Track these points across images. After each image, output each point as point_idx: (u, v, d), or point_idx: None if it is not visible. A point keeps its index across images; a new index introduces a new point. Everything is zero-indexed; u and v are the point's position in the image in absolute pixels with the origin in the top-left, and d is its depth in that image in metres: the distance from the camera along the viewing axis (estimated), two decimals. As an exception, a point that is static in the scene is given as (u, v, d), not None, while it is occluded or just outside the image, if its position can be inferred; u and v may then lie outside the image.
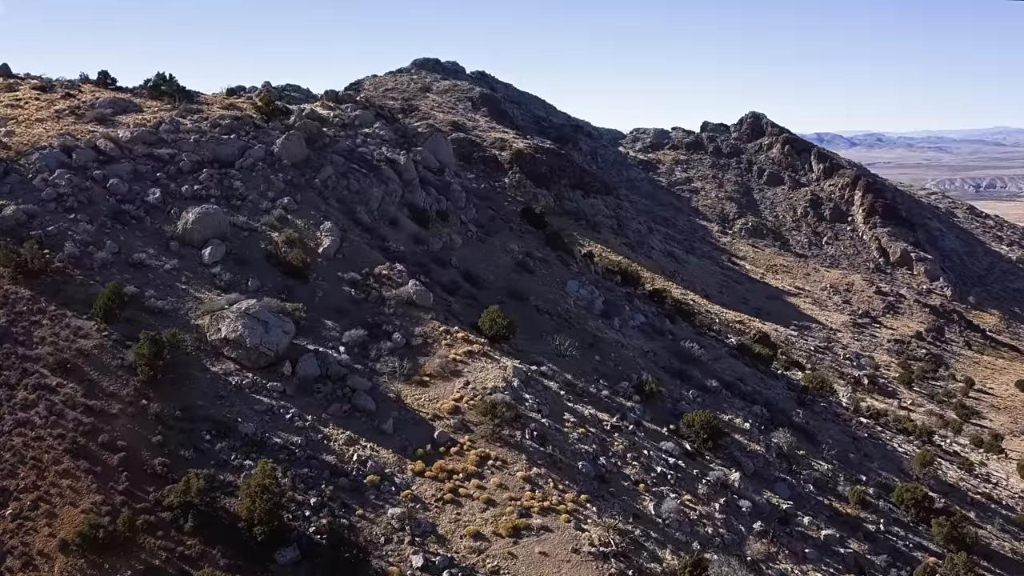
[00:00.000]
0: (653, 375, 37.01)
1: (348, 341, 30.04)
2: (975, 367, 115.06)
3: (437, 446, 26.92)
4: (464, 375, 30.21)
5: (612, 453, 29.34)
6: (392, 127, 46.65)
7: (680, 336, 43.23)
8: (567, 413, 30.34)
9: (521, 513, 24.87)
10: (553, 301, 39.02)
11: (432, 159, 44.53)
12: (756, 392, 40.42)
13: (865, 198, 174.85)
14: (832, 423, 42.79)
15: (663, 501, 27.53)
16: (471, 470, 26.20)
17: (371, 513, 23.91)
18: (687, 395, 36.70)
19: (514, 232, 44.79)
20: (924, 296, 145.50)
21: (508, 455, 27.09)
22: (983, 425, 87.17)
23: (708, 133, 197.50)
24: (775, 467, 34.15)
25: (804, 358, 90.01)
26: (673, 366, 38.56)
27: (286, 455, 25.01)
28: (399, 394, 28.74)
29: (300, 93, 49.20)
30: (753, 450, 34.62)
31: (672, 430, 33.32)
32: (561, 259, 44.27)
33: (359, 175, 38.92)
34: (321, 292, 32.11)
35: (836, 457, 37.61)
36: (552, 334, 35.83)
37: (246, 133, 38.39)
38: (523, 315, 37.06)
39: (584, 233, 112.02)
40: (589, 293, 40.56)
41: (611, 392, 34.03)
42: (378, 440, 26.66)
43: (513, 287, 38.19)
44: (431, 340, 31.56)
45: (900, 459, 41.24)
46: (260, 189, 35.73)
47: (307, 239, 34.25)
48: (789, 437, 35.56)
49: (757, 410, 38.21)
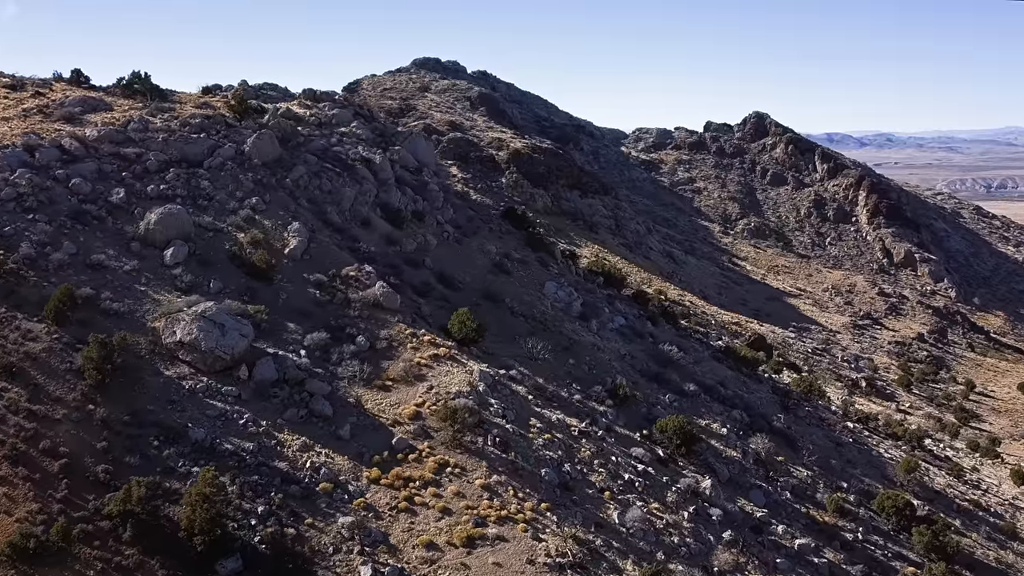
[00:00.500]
0: (629, 379, 36.32)
1: (309, 344, 29.45)
2: (977, 369, 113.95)
3: (395, 453, 26.30)
4: (428, 379, 29.59)
5: (578, 460, 28.67)
6: (370, 126, 46.06)
7: (661, 339, 42.49)
8: (534, 418, 29.68)
9: (477, 522, 24.22)
10: (529, 303, 38.36)
11: (410, 158, 43.90)
12: (737, 396, 39.66)
13: (869, 198, 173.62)
14: (816, 428, 41.98)
15: (628, 509, 26.84)
16: (428, 478, 25.57)
17: (321, 522, 23.29)
18: (663, 399, 35.99)
19: (493, 233, 44.13)
20: (928, 297, 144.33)
21: (468, 462, 26.44)
22: (982, 429, 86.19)
23: (711, 133, 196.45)
24: (751, 474, 33.40)
25: (801, 360, 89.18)
26: (651, 369, 37.84)
27: (236, 462, 24.41)
28: (359, 399, 28.13)
29: (277, 92, 48.59)
30: (729, 456, 33.88)
31: (645, 435, 32.64)
32: (541, 260, 43.58)
33: (332, 175, 38.34)
34: (285, 294, 31.54)
35: (817, 463, 36.83)
36: (526, 337, 35.12)
37: (217, 132, 37.85)
38: (497, 317, 36.43)
39: (581, 233, 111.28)
40: (567, 295, 39.87)
41: (583, 396, 33.36)
42: (334, 446, 26.04)
43: (488, 289, 37.53)
44: (396, 343, 30.94)
45: (885, 465, 40.43)
46: (228, 189, 35.19)
47: (274, 240, 33.69)
48: (767, 443, 34.81)
49: (736, 415, 37.46)
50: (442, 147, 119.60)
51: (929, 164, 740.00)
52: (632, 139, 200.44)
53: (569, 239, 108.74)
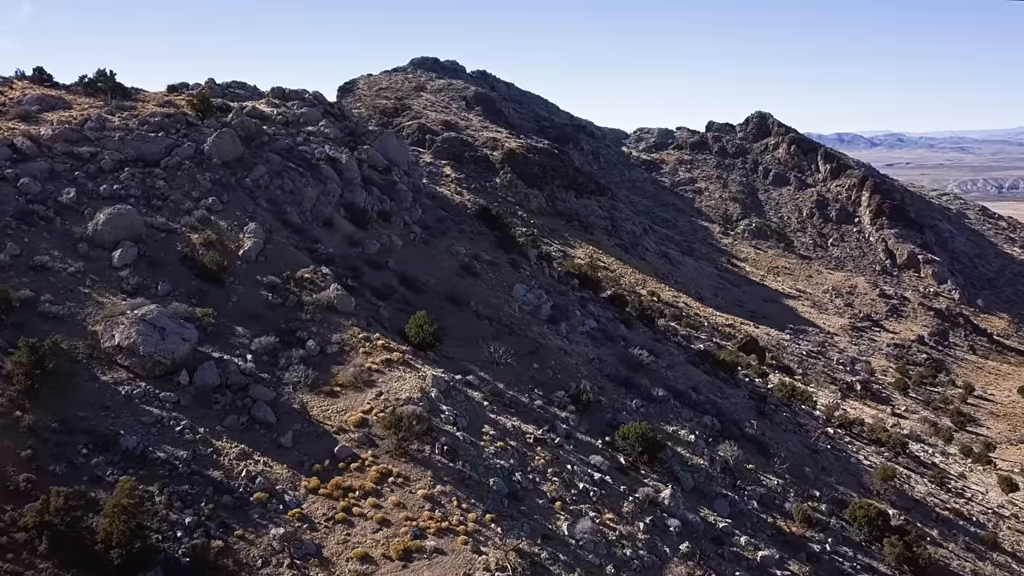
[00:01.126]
0: (595, 384, 35.48)
1: (257, 349, 28.73)
2: (978, 372, 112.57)
3: (337, 461, 25.53)
4: (378, 385, 28.82)
5: (531, 468, 27.84)
6: (340, 125, 45.30)
7: (634, 342, 41.58)
8: (487, 426, 28.86)
9: (415, 534, 23.44)
10: (496, 306, 37.53)
11: (379, 158, 43.11)
12: (709, 402, 38.73)
13: (872, 199, 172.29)
14: (792, 434, 40.99)
15: (578, 520, 25.99)
16: (369, 487, 24.80)
17: (252, 533, 22.51)
18: (630, 405, 35.12)
19: (464, 234, 43.29)
20: (930, 299, 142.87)
21: (412, 471, 25.65)
22: (979, 433, 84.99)
23: (713, 133, 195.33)
24: (718, 482, 32.50)
25: (796, 363, 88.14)
26: (620, 374, 36.95)
27: (167, 471, 23.67)
28: (305, 405, 27.37)
29: (246, 90, 47.80)
30: (695, 464, 32.99)
31: (607, 442, 31.81)
32: (512, 262, 42.72)
33: (295, 174, 37.61)
34: (236, 297, 30.80)
35: (789, 471, 35.88)
36: (490, 341, 34.30)
37: (176, 131, 37.17)
38: (460, 321, 35.63)
39: (576, 234, 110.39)
40: (537, 297, 39.02)
41: (545, 402, 32.53)
42: (274, 454, 25.27)
43: (453, 291, 36.72)
44: (348, 348, 30.18)
45: (863, 473, 39.41)
46: (184, 189, 34.49)
47: (228, 241, 32.96)
48: (736, 450, 33.88)
49: (707, 421, 36.55)
50: (436, 147, 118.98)
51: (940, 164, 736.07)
52: (633, 139, 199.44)
53: (563, 240, 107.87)
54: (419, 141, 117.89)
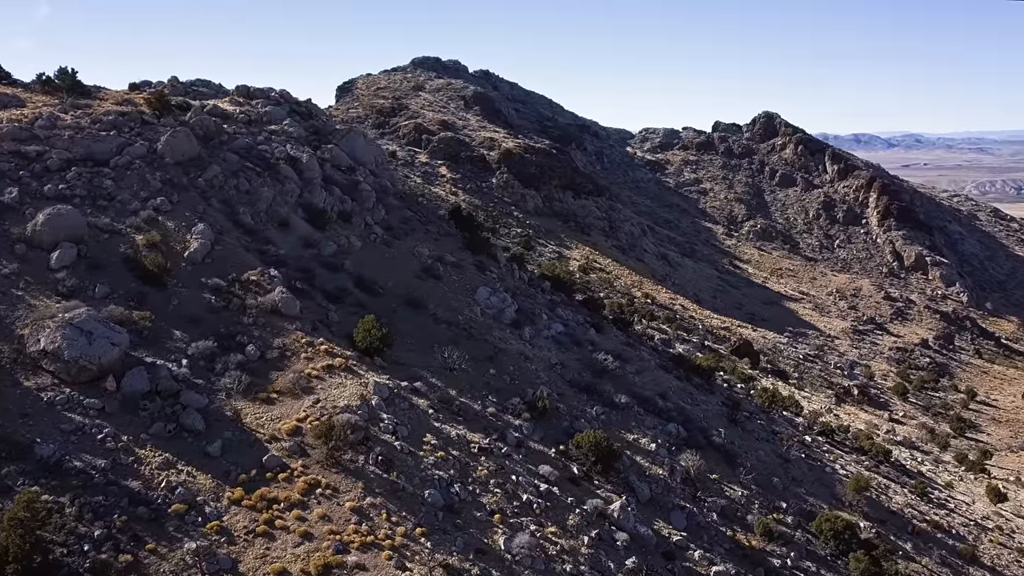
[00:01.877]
0: (555, 390, 34.48)
1: (193, 353, 27.91)
2: (983, 377, 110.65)
3: (265, 471, 24.66)
4: (316, 392, 27.95)
5: (472, 479, 26.88)
6: (305, 124, 44.50)
7: (602, 347, 40.51)
8: (430, 434, 27.91)
9: (338, 549, 22.52)
10: (456, 309, 36.58)
11: (344, 157, 42.22)
12: (676, 408, 37.63)
13: (880, 200, 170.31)
14: (765, 442, 39.80)
15: (517, 534, 25.01)
16: (295, 499, 23.90)
17: (164, 547, 21.63)
18: (590, 412, 34.09)
19: (430, 235, 42.34)
20: (937, 302, 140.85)
21: (343, 483, 24.75)
22: (979, 439, 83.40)
23: (720, 133, 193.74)
24: (676, 493, 31.42)
25: (791, 367, 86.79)
26: (582, 380, 35.92)
27: (82, 481, 22.85)
28: (238, 412, 26.50)
29: (210, 88, 47.08)
30: (654, 474, 31.93)
31: (561, 451, 30.81)
32: (479, 264, 41.73)
33: (251, 174, 36.82)
34: (177, 299, 29.99)
35: (756, 481, 34.74)
36: (446, 346, 33.33)
37: (130, 129, 36.45)
38: (417, 325, 34.70)
39: (573, 235, 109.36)
40: (500, 301, 38.03)
41: (499, 409, 31.56)
42: (199, 464, 24.41)
43: (412, 294, 35.81)
44: (290, 353, 29.32)
45: (837, 483, 38.17)
46: (133, 189, 33.75)
47: (174, 242, 32.18)
48: (698, 460, 32.78)
49: (671, 429, 35.47)
50: (432, 147, 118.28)
51: (959, 165, 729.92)
52: (638, 139, 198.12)
53: (559, 241, 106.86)
54: (415, 141, 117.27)
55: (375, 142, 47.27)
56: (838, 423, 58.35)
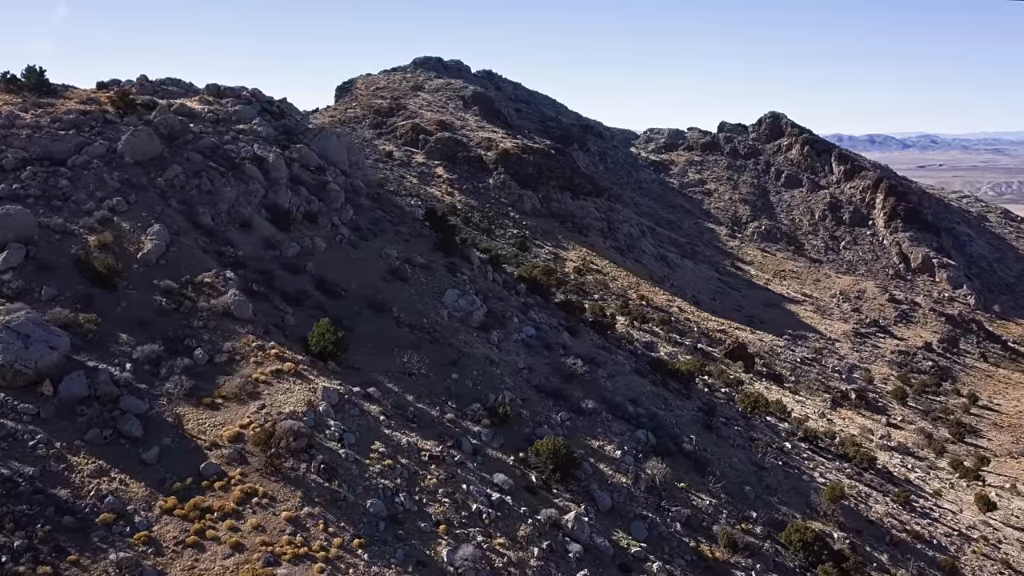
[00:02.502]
0: (520, 395, 33.71)
1: (138, 357, 27.31)
2: (987, 381, 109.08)
3: (201, 479, 24.00)
4: (263, 397, 27.27)
5: (420, 489, 26.14)
6: (276, 123, 43.89)
7: (574, 351, 39.67)
8: (379, 442, 27.19)
9: (268, 561, 21.83)
10: (421, 313, 35.86)
11: (313, 157, 41.57)
12: (648, 414, 36.77)
13: (887, 201, 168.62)
14: (741, 449, 38.85)
15: (461, 546, 24.24)
16: (230, 508, 23.22)
17: (88, 559, 20.99)
18: (554, 418, 33.29)
19: (401, 236, 41.62)
20: (943, 305, 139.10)
21: (281, 491, 24.05)
22: (978, 445, 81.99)
23: (725, 133, 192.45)
24: (639, 502, 30.58)
25: (788, 370, 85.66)
26: (550, 385, 35.12)
27: (8, 489, 22.27)
28: (180, 418, 25.85)
29: (180, 87, 46.52)
30: (617, 482, 31.11)
31: (520, 459, 30.03)
32: (451, 265, 40.98)
33: (215, 174, 36.21)
34: (126, 302, 29.39)
35: (726, 490, 33.85)
36: (407, 350, 32.61)
37: (90, 129, 35.93)
38: (379, 328, 33.99)
39: (570, 236, 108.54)
40: (469, 303, 37.27)
41: (457, 415, 30.82)
42: (133, 471, 23.78)
43: (375, 297, 35.12)
44: (239, 357, 28.67)
45: (814, 491, 37.20)
46: (89, 189, 33.22)
47: (128, 243, 31.60)
48: (664, 467, 31.91)
49: (640, 435, 34.62)
50: (429, 147, 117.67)
51: (974, 166, 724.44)
52: (643, 140, 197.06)
53: (556, 242, 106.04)
54: (413, 141, 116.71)
55: (345, 141, 46.39)
56: (827, 428, 57.31)
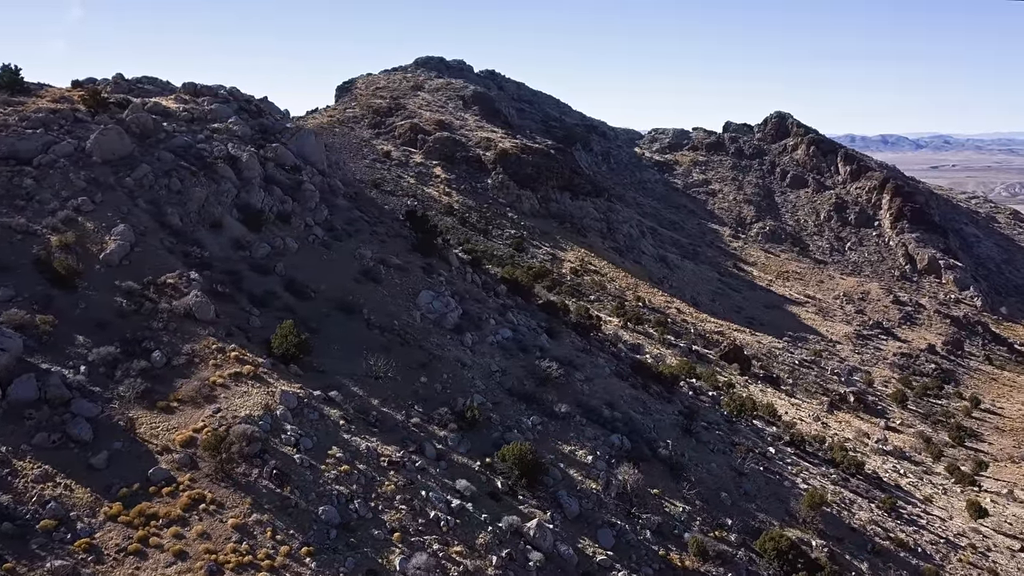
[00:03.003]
0: (491, 399, 33.15)
1: (94, 360, 26.86)
2: (991, 384, 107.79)
3: (149, 485, 23.53)
4: (219, 401, 26.76)
5: (377, 495, 25.61)
6: (254, 122, 43.42)
7: (552, 353, 39.06)
8: (337, 447, 26.67)
9: (211, 570, 21.33)
10: (392, 314, 35.33)
11: (289, 156, 41.08)
12: (624, 418, 36.12)
13: (893, 202, 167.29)
14: (721, 454, 38.14)
15: (415, 554, 23.70)
16: (176, 515, 22.72)
17: (24, 566, 20.53)
18: (526, 422, 32.71)
19: (377, 236, 41.08)
20: (948, 306, 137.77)
21: (230, 498, 23.54)
22: (979, 449, 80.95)
23: (730, 134, 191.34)
24: (609, 509, 29.96)
25: (786, 372, 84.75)
26: (523, 388, 34.52)
27: (-53, 495, 21.72)
28: (133, 422, 25.38)
29: (156, 86, 46.11)
30: (587, 488, 30.49)
31: (487, 464, 29.45)
32: (428, 267, 40.42)
33: (185, 173, 35.77)
34: (85, 303, 28.97)
35: (701, 496, 33.17)
36: (376, 352, 32.08)
37: (59, 127, 35.55)
38: (348, 330, 33.48)
39: (568, 237, 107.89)
40: (444, 305, 36.71)
41: (423, 420, 30.27)
42: (80, 476, 23.30)
43: (346, 298, 34.61)
44: (198, 359, 28.19)
45: (794, 498, 36.44)
46: (55, 188, 32.83)
47: (91, 243, 31.17)
48: (636, 473, 31.27)
49: (615, 440, 33.99)
50: (427, 147, 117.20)
51: (988, 167, 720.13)
52: (647, 140, 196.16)
53: (554, 242, 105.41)
54: (411, 141, 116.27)
55: (322, 140, 45.88)
56: (819, 433, 56.47)
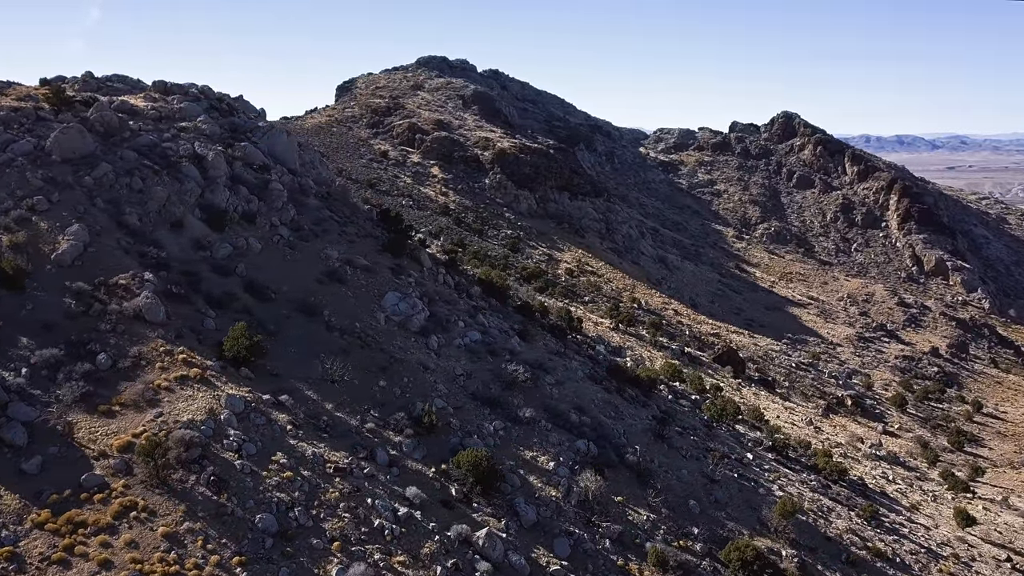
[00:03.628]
0: (453, 403, 32.49)
1: (36, 362, 26.45)
2: (996, 387, 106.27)
3: (81, 491, 23.03)
4: (162, 405, 26.20)
5: (320, 503, 24.98)
6: (224, 121, 42.94)
7: (523, 357, 38.34)
8: (281, 452, 26.06)
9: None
10: (355, 316, 34.72)
11: (259, 155, 40.53)
12: (593, 424, 35.35)
13: (901, 203, 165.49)
14: (694, 461, 37.29)
15: (353, 564, 23.04)
16: (105, 523, 22.19)
17: (-59, 576, 19.95)
18: (487, 428, 32.01)
19: (346, 236, 40.45)
20: (955, 309, 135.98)
21: (163, 505, 22.96)
22: (978, 454, 79.73)
23: (737, 133, 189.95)
24: (568, 517, 29.22)
25: (782, 375, 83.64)
26: (488, 392, 33.82)
27: None
28: (72, 426, 24.89)
29: (126, 84, 45.69)
30: (546, 496, 29.77)
31: (442, 471, 28.75)
32: (397, 267, 39.77)
33: (148, 172, 35.32)
34: (32, 304, 28.51)
35: (668, 504, 32.38)
36: (335, 355, 31.47)
37: (20, 126, 35.20)
38: (307, 332, 32.88)
39: (566, 237, 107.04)
40: (410, 307, 36.05)
41: (379, 425, 29.64)
42: (10, 482, 22.89)
43: (308, 299, 34.02)
44: (145, 362, 27.67)
45: (768, 505, 35.54)
46: (10, 187, 32.47)
47: (44, 243, 30.72)
48: (598, 480, 30.50)
49: (581, 445, 33.24)
50: (425, 146, 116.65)
51: (1006, 168, 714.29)
52: (652, 139, 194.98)
53: (551, 243, 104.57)
54: (409, 141, 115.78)
55: (295, 139, 45.27)
56: (808, 437, 55.48)
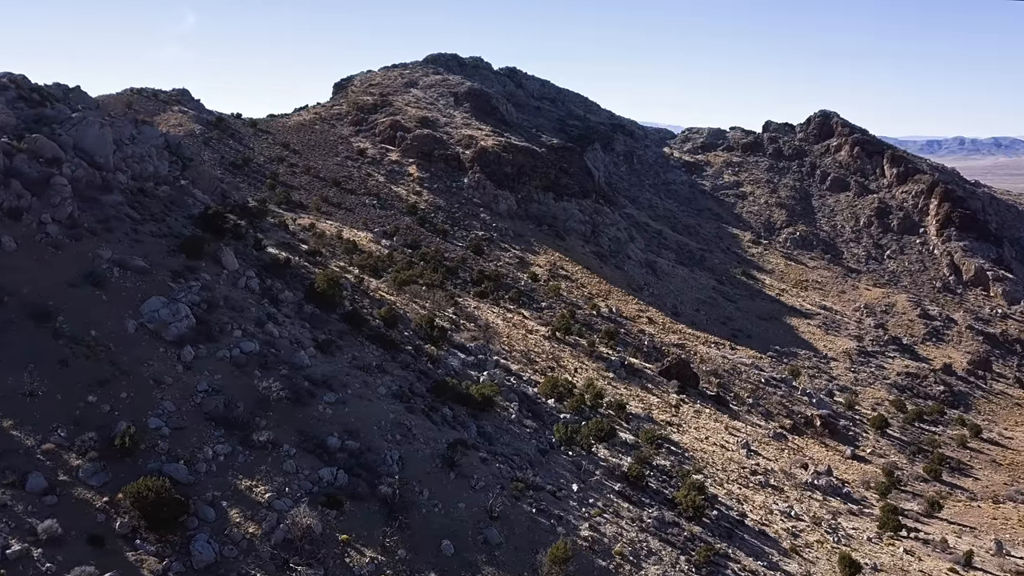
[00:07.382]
0: (174, 424, 29.34)
1: None
2: (1010, 410, 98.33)
3: None
4: None
5: (-92, 536, 21.90)
6: (30, 111, 40.61)
7: (309, 370, 34.81)
8: None
9: None
10: (97, 323, 31.84)
11: (51, 148, 38.03)
12: (358, 450, 31.61)
13: (941, 207, 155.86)
14: (483, 492, 32.99)
15: (-100, 613, 19.90)
16: None
17: None
18: (207, 452, 28.64)
19: (136, 235, 37.63)
20: (988, 322, 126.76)
21: None
22: (959, 484, 73.18)
23: (770, 133, 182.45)
24: (259, 559, 25.72)
25: (747, 391, 78.26)
26: (228, 413, 30.45)
27: None
28: None
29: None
30: (240, 533, 26.27)
31: (115, 501, 25.53)
32: (187, 270, 36.74)
33: None
34: None
35: (409, 543, 28.46)
36: (49, 366, 28.62)
37: None
38: (27, 340, 30.10)
39: (544, 240, 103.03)
40: (171, 313, 32.97)
41: (62, 446, 26.62)
42: None
43: (47, 304, 31.25)
44: None
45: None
46: None
47: None
48: (314, 516, 26.89)
49: (325, 474, 29.62)
50: (405, 144, 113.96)
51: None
52: (679, 139, 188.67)
53: (526, 245, 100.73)
54: (390, 138, 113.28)
55: (108, 131, 42.60)
56: (724, 463, 50.34)
